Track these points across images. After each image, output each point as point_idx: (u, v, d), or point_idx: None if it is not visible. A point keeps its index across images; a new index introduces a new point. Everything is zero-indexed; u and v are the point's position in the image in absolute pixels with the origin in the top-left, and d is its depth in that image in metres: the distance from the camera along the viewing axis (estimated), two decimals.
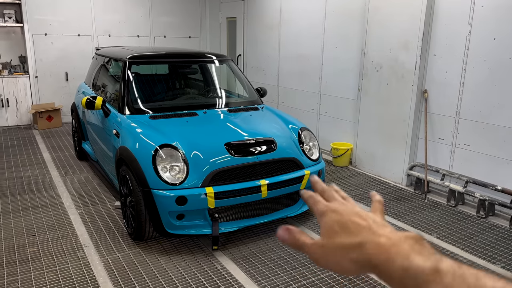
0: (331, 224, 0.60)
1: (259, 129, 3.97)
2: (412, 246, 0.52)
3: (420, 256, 0.50)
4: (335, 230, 0.59)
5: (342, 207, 0.62)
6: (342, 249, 0.56)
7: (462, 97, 4.53)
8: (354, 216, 0.59)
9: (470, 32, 4.37)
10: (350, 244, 0.56)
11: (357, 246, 0.55)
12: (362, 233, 0.56)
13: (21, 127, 7.97)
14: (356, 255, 0.55)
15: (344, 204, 0.63)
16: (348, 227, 0.58)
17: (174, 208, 3.32)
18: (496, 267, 3.42)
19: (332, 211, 0.61)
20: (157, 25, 9.07)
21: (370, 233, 0.56)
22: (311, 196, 0.67)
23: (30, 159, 6.08)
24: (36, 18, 7.78)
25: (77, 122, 5.88)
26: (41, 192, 4.85)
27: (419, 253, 0.50)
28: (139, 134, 3.73)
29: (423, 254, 0.50)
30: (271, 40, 7.57)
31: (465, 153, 4.58)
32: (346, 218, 0.59)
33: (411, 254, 0.50)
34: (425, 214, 4.40)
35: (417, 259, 0.49)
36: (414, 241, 0.53)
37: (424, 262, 0.49)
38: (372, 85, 5.45)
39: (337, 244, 0.57)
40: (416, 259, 0.49)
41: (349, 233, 0.57)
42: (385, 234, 0.55)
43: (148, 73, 5.37)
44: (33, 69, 7.93)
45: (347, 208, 0.62)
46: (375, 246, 0.54)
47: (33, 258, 3.44)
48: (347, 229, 0.58)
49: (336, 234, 0.58)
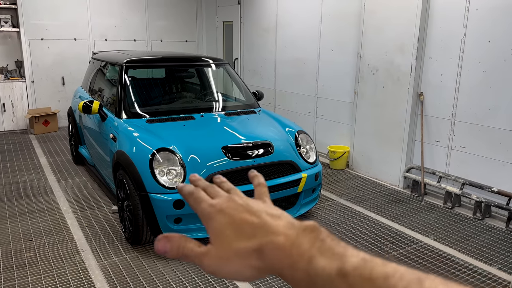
0: (221, 228, 0.51)
1: (256, 133, 3.99)
2: (312, 243, 0.46)
3: (323, 258, 0.45)
4: (226, 234, 0.51)
5: (229, 205, 0.53)
6: (239, 257, 0.49)
7: (457, 100, 4.56)
8: (244, 213, 0.52)
9: (465, 35, 4.40)
10: (247, 250, 0.49)
11: (255, 251, 0.48)
12: (257, 234, 0.49)
13: (18, 132, 7.95)
14: (256, 261, 0.48)
15: (231, 200, 0.54)
16: (240, 229, 0.50)
17: (172, 212, 3.32)
18: (493, 268, 3.44)
19: (219, 211, 0.53)
20: (153, 29, 9.08)
21: (265, 232, 0.49)
22: (191, 192, 0.57)
23: (27, 163, 6.07)
24: (33, 23, 7.78)
25: (74, 126, 5.87)
26: (38, 196, 4.84)
27: (321, 253, 0.45)
28: (136, 138, 3.73)
29: (326, 254, 0.45)
30: (267, 44, 7.60)
31: (461, 155, 4.60)
32: (236, 218, 0.51)
33: (314, 256, 0.45)
34: (422, 216, 4.41)
35: (321, 262, 0.45)
36: (313, 234, 0.47)
37: (329, 265, 0.44)
38: (368, 88, 5.47)
39: (232, 252, 0.49)
40: (320, 263, 0.45)
41: (243, 236, 0.50)
42: (282, 231, 0.48)
43: (145, 77, 5.38)
44: (29, 73, 7.92)
45: (235, 204, 0.53)
46: (275, 249, 0.47)
47: (30, 263, 3.43)
48: (240, 231, 0.50)
49: (229, 239, 0.50)
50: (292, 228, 0.48)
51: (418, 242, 3.86)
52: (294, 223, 0.49)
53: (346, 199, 4.87)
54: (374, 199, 4.87)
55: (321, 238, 0.47)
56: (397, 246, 3.76)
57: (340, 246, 0.46)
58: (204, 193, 0.56)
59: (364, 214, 4.45)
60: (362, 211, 4.53)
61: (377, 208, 4.61)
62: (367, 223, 4.24)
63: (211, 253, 0.51)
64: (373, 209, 4.58)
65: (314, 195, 4.09)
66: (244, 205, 0.53)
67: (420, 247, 3.75)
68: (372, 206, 4.68)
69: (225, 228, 0.51)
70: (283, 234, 0.48)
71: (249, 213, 0.51)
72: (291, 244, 0.47)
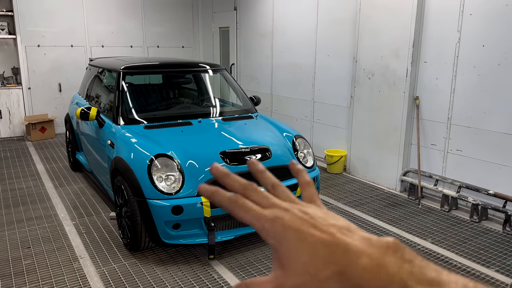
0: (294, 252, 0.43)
1: (253, 138, 4.00)
2: (400, 264, 0.41)
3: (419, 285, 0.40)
4: (302, 260, 0.42)
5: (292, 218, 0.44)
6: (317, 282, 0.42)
7: (453, 103, 4.59)
8: (312, 228, 0.43)
9: (460, 39, 4.45)
10: (326, 275, 0.41)
11: (336, 274, 0.41)
12: (335, 256, 0.42)
13: (14, 139, 7.93)
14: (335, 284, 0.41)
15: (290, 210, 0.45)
16: (314, 250, 0.42)
17: (170, 217, 3.32)
18: (490, 271, 3.46)
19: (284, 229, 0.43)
20: (150, 35, 9.11)
21: (344, 253, 0.42)
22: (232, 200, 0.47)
23: (24, 170, 6.05)
24: (29, 30, 7.79)
25: (71, 133, 5.87)
26: (35, 203, 4.83)
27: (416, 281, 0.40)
28: (134, 144, 3.74)
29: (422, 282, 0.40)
30: (264, 49, 7.64)
31: (457, 158, 4.63)
32: (307, 237, 0.43)
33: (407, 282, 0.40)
34: (419, 220, 4.43)
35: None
36: (398, 254, 0.42)
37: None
38: (365, 92, 5.51)
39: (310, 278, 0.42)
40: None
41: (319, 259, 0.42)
42: (363, 250, 0.42)
43: (142, 83, 5.39)
44: (26, 80, 7.92)
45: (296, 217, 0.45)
46: (360, 271, 0.41)
47: (28, 271, 3.42)
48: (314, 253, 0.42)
49: (305, 265, 0.42)
50: (372, 246, 0.42)
51: (416, 245, 3.87)
52: (370, 239, 0.43)
53: (344, 203, 4.89)
54: (372, 203, 4.89)
55: (408, 259, 0.42)
56: None
57: (431, 269, 0.42)
58: (247, 201, 0.46)
59: (361, 218, 4.47)
60: (360, 215, 4.54)
61: (374, 212, 4.63)
62: (365, 226, 4.25)
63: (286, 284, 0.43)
64: (370, 213, 4.60)
65: None
66: (306, 218, 0.44)
67: (417, 251, 3.76)
68: (370, 209, 4.69)
69: (299, 252, 0.43)
70: (365, 254, 0.41)
71: (317, 229, 0.43)
72: (378, 265, 0.41)
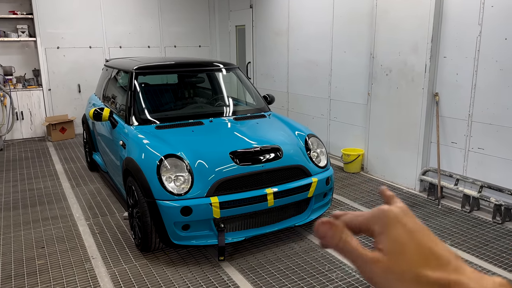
0: (405, 241, 0.45)
1: (265, 137, 3.93)
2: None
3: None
4: (410, 253, 0.45)
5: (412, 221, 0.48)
6: (415, 282, 0.43)
7: (474, 99, 4.41)
8: (429, 240, 0.46)
9: (481, 33, 4.26)
10: (429, 280, 0.43)
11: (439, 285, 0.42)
12: (445, 268, 0.43)
13: (36, 139, 8.10)
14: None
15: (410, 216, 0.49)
16: (426, 256, 0.44)
17: (179, 218, 3.29)
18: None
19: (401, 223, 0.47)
20: (167, 35, 9.14)
21: (455, 270, 0.43)
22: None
23: (43, 171, 6.16)
24: (49, 32, 7.93)
25: (88, 133, 5.93)
26: (52, 203, 4.89)
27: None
28: (144, 145, 3.72)
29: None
30: (280, 47, 7.55)
31: (479, 157, 4.44)
32: (423, 242, 0.45)
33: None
34: (438, 220, 4.27)
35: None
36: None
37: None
38: (382, 89, 5.36)
39: (410, 274, 0.44)
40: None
41: (429, 265, 0.44)
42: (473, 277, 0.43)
43: (156, 83, 5.39)
44: (46, 82, 8.07)
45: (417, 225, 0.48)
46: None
47: (41, 271, 3.45)
48: (425, 258, 0.44)
49: (412, 259, 0.44)
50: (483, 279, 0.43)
51: None
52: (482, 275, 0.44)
53: (360, 203, 4.76)
54: None
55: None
56: None
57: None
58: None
59: None
60: None
61: None
62: None
63: (382, 262, 0.46)
64: None
65: (326, 200, 4.00)
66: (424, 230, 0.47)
67: None
68: None
69: (409, 242, 0.45)
70: (473, 281, 0.42)
71: (433, 243, 0.46)
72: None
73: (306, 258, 3.57)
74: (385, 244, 0.47)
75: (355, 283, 3.21)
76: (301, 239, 3.90)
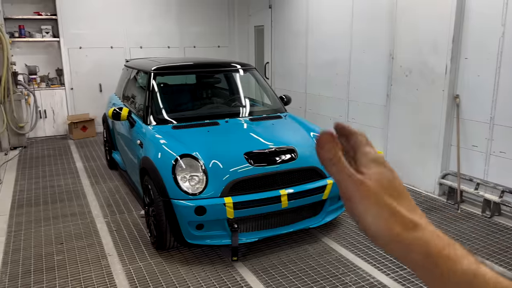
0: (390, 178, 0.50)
1: (279, 138, 3.92)
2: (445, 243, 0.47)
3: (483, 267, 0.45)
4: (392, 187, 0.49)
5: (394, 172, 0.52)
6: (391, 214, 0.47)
7: (496, 102, 4.29)
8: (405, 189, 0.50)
9: (504, 34, 4.14)
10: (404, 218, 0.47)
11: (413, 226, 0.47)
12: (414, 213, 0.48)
13: (58, 137, 8.29)
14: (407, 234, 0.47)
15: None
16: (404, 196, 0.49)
17: (193, 218, 3.31)
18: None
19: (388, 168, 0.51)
20: (187, 35, 9.22)
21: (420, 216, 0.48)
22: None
23: (64, 168, 6.30)
24: (72, 32, 8.11)
25: (108, 132, 6.04)
26: (72, 201, 5.00)
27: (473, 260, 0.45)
28: (160, 145, 3.77)
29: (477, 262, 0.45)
30: (298, 47, 7.52)
31: (500, 161, 4.33)
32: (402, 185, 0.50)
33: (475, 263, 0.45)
34: (458, 225, 4.18)
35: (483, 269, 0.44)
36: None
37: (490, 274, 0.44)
38: (401, 90, 5.27)
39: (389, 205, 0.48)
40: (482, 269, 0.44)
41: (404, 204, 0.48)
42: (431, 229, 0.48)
43: (174, 83, 5.45)
44: (68, 81, 8.25)
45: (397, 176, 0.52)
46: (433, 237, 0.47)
47: (59, 266, 3.53)
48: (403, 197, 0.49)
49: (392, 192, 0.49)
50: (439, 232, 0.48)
51: None
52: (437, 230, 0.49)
53: None
54: None
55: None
56: None
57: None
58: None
59: None
60: None
61: None
62: None
63: (367, 186, 0.49)
64: None
65: (341, 203, 3.96)
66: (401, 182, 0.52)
67: None
68: None
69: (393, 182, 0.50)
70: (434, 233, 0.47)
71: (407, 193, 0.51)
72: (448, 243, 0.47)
73: (320, 260, 3.55)
74: (372, 171, 0.50)
75: (369, 286, 3.17)
76: (316, 242, 3.88)
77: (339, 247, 3.77)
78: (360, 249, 3.72)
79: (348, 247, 3.76)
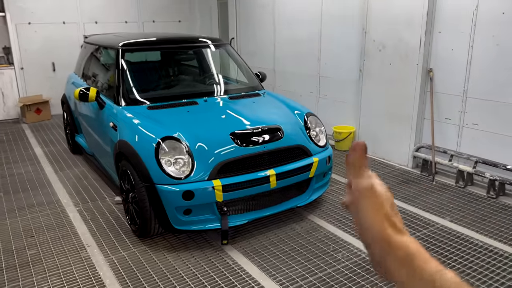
0: (390, 194, 0.66)
1: (264, 117, 3.80)
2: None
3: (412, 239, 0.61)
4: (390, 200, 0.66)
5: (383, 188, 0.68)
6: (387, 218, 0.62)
7: (469, 75, 4.39)
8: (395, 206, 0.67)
9: (477, 7, 4.20)
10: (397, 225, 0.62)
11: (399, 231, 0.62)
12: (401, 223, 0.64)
13: (9, 121, 7.69)
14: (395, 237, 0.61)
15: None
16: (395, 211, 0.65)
17: (181, 203, 3.15)
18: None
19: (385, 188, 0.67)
20: (144, 9, 8.73)
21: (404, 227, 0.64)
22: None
23: (21, 154, 5.85)
24: (19, 6, 7.42)
25: (69, 114, 5.64)
26: (36, 189, 4.65)
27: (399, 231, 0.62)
28: (138, 127, 3.54)
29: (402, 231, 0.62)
30: (265, 21, 7.33)
31: (473, 132, 4.47)
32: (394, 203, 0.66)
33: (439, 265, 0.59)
34: (434, 197, 4.30)
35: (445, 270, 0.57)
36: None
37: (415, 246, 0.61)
38: (375, 65, 5.28)
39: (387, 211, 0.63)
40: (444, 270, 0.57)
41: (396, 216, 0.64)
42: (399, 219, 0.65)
43: (143, 60, 5.13)
44: (18, 60, 7.60)
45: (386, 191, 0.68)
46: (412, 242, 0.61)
47: (34, 261, 3.27)
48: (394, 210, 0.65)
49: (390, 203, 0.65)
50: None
51: (435, 224, 3.74)
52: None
53: None
54: (384, 180, 4.66)
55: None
56: (414, 229, 3.65)
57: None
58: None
59: None
60: None
61: None
62: None
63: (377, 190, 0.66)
64: None
65: (326, 180, 3.95)
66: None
67: (437, 229, 3.64)
68: None
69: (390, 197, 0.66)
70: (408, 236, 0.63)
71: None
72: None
73: (309, 238, 3.53)
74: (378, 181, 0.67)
75: (361, 262, 3.19)
76: (302, 220, 3.85)
77: (327, 224, 3.76)
78: (348, 225, 3.73)
79: (336, 224, 3.76)
